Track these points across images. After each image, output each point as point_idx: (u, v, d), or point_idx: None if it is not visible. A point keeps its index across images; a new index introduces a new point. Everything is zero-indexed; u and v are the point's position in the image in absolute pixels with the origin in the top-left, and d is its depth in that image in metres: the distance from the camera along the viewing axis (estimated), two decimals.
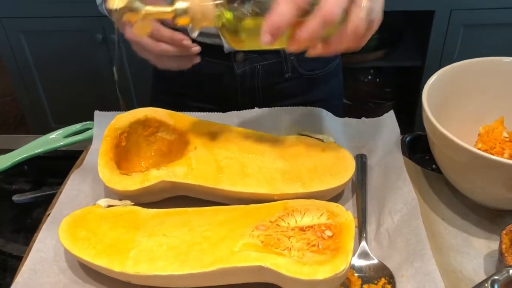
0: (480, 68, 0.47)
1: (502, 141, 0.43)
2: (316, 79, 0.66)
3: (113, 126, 0.46)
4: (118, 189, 0.42)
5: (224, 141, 0.45)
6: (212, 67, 0.61)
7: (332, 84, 0.70)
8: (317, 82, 0.67)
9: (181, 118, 0.47)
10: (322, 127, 0.50)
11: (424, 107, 0.42)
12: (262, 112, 0.53)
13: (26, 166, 0.53)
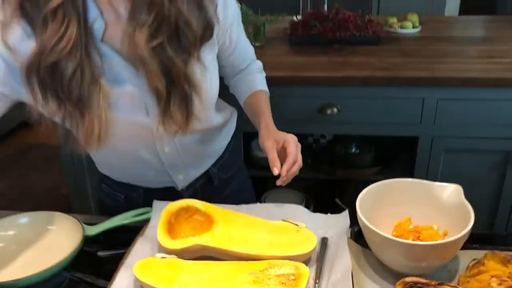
0: (396, 185, 0.77)
1: (408, 231, 0.71)
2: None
3: (167, 210, 0.77)
4: (168, 248, 0.72)
5: (235, 222, 0.75)
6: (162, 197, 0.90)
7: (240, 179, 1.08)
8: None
9: (209, 207, 0.78)
10: (298, 217, 0.80)
11: (357, 209, 0.71)
12: (262, 205, 0.84)
13: (102, 237, 0.82)
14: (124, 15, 0.72)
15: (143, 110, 0.80)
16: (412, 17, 2.11)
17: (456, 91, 1.54)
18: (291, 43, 1.88)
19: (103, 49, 0.74)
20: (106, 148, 0.79)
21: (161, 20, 0.70)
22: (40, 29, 0.67)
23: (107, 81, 0.75)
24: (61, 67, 0.69)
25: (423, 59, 1.69)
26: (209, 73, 0.83)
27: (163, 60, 0.72)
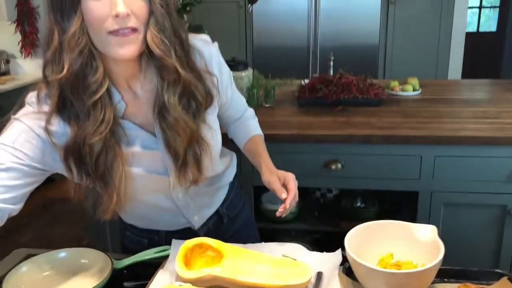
0: (380, 226, 0.89)
1: (390, 265, 0.83)
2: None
3: (184, 246, 0.90)
4: (185, 277, 0.84)
5: (242, 256, 0.88)
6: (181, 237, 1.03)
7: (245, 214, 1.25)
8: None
9: (220, 244, 0.91)
10: (297, 254, 0.92)
11: (345, 245, 0.83)
12: (265, 244, 0.96)
13: (125, 271, 0.95)
14: (140, 94, 0.90)
15: (162, 168, 0.95)
16: (413, 81, 2.29)
17: (451, 148, 1.67)
18: (299, 105, 2.06)
19: (125, 124, 0.90)
20: (129, 202, 0.95)
21: (183, 90, 0.88)
22: (85, 116, 0.83)
23: (130, 149, 0.91)
24: (92, 148, 0.84)
25: (421, 119, 1.84)
26: (213, 131, 0.99)
27: (185, 125, 0.88)
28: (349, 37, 3.63)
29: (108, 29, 0.78)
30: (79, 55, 0.80)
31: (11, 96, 3.23)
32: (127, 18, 0.78)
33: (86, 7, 0.78)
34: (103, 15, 0.78)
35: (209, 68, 0.95)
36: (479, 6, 5.88)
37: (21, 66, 3.65)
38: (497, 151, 1.65)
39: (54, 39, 0.81)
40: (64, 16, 0.80)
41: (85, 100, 0.82)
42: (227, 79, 1.04)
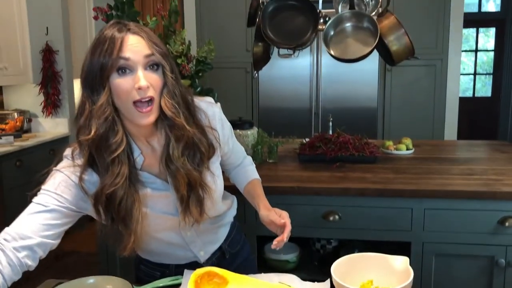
0: (361, 257, 1.03)
1: None
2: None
3: (195, 273, 1.04)
4: None
5: (245, 282, 1.01)
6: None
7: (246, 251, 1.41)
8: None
9: (225, 272, 1.04)
10: (291, 282, 1.05)
11: (332, 272, 0.96)
12: (264, 274, 1.10)
13: None
14: (157, 148, 1.08)
15: (173, 210, 1.13)
16: (406, 141, 2.47)
17: (439, 202, 1.81)
18: (299, 161, 2.23)
19: (143, 175, 1.09)
20: (145, 239, 1.14)
21: (186, 144, 1.06)
22: (104, 170, 1.01)
23: (146, 195, 1.09)
24: (114, 195, 1.02)
25: (411, 175, 1.99)
26: (216, 177, 1.17)
27: (186, 173, 1.06)
28: (350, 100, 3.86)
29: (133, 99, 0.98)
30: (104, 121, 0.98)
31: (32, 151, 3.44)
32: (147, 89, 0.97)
33: (114, 83, 0.97)
34: (129, 88, 0.97)
35: (212, 124, 1.15)
36: (474, 73, 6.18)
37: (42, 125, 3.89)
38: (483, 204, 1.79)
39: (86, 109, 1.00)
40: (94, 91, 0.99)
41: (105, 157, 1.00)
42: (228, 132, 1.24)
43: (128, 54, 0.97)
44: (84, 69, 1.00)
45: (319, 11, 2.02)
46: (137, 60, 0.97)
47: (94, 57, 0.98)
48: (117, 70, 0.97)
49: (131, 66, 0.97)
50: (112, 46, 0.96)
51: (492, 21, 5.98)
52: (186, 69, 2.06)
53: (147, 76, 0.98)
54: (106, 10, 2.09)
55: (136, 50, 0.97)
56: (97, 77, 0.97)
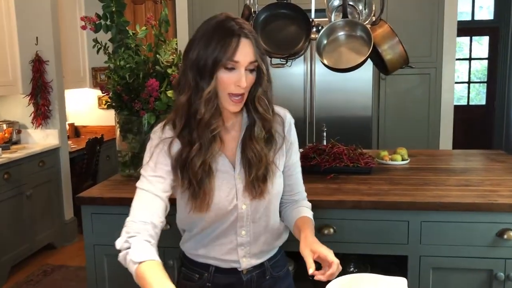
0: (357, 278, 0.98)
1: None
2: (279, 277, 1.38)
3: None
4: None
5: None
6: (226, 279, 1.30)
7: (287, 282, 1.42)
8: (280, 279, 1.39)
9: None
10: None
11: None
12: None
13: None
14: (231, 132, 1.25)
15: (234, 194, 1.24)
16: (401, 151, 2.43)
17: (436, 214, 1.77)
18: None
19: (218, 153, 1.23)
20: (205, 223, 1.25)
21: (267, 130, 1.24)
22: (206, 144, 1.18)
23: (218, 172, 1.23)
24: (194, 163, 1.18)
25: (407, 186, 1.95)
26: (278, 172, 1.29)
27: (259, 152, 1.23)
28: (344, 109, 3.82)
29: (230, 92, 1.15)
30: (212, 107, 1.16)
31: (21, 163, 3.38)
32: (244, 88, 1.15)
33: (221, 76, 1.14)
34: (230, 82, 1.14)
35: (285, 129, 1.30)
36: (468, 81, 6.18)
37: (31, 136, 3.83)
38: (480, 217, 1.75)
39: (190, 89, 1.16)
40: (202, 78, 1.14)
41: (208, 134, 1.18)
42: (293, 139, 1.35)
43: (239, 58, 1.12)
44: (195, 53, 1.15)
45: (311, 20, 1.99)
46: (243, 64, 1.14)
47: (209, 49, 1.12)
48: (225, 67, 1.13)
49: (237, 67, 1.14)
50: (228, 47, 1.11)
51: (485, 29, 6.00)
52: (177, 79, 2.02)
53: (246, 77, 1.14)
54: (94, 19, 2.05)
55: (245, 56, 1.13)
56: (209, 68, 1.13)
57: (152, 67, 2.07)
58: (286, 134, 1.31)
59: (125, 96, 2.05)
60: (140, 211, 1.16)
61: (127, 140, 2.15)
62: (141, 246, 1.08)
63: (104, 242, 1.93)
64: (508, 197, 1.77)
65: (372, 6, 2.10)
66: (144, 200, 1.18)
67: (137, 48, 2.08)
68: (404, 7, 3.85)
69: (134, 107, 2.03)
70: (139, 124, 2.10)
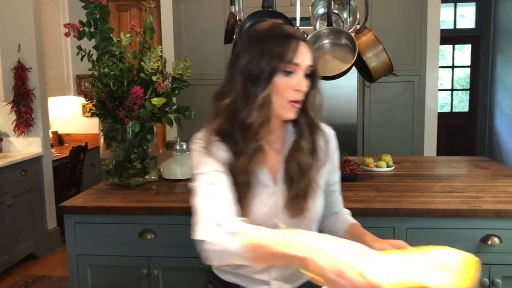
0: None
1: None
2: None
3: None
4: None
5: None
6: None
7: None
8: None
9: None
10: None
11: None
12: None
13: None
14: (276, 146, 1.19)
15: (274, 211, 1.16)
16: (386, 158, 2.45)
17: (421, 221, 1.78)
18: None
19: (260, 166, 1.15)
20: None
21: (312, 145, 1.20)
22: (244, 152, 1.11)
23: (260, 186, 1.15)
24: (236, 174, 1.11)
25: (393, 193, 1.96)
26: (319, 190, 1.22)
27: (303, 164, 1.17)
28: (329, 117, 3.77)
29: (289, 98, 1.10)
30: (263, 114, 1.10)
31: (3, 172, 3.32)
32: (302, 93, 1.11)
33: (278, 81, 1.09)
34: (288, 88, 1.10)
35: (329, 147, 1.26)
36: (451, 89, 6.27)
37: (13, 144, 3.77)
38: (464, 223, 1.76)
39: (239, 96, 1.11)
40: (257, 84, 1.09)
41: (252, 144, 1.11)
42: (336, 160, 1.31)
43: (299, 60, 1.09)
44: (245, 59, 1.10)
45: (296, 28, 1.99)
46: (303, 67, 1.10)
47: (264, 54, 1.08)
48: (283, 71, 1.09)
49: (296, 70, 1.09)
50: (287, 49, 1.07)
51: (467, 37, 6.09)
52: (162, 86, 2.01)
53: (304, 81, 1.11)
54: (78, 26, 2.03)
55: (304, 59, 1.10)
56: (265, 73, 1.08)
57: (137, 74, 2.06)
58: (331, 154, 1.26)
59: (109, 103, 2.03)
60: (217, 210, 1.03)
61: (111, 148, 2.13)
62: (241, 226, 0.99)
63: (88, 252, 1.90)
64: (491, 203, 1.78)
65: (356, 14, 2.12)
66: (215, 195, 1.06)
67: (122, 55, 2.07)
68: (388, 16, 3.90)
69: (118, 115, 2.01)
70: (124, 132, 2.08)
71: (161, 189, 2.11)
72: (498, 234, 1.73)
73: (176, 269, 1.88)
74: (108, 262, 1.90)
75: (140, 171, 2.14)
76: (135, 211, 1.85)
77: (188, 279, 1.88)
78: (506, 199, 1.85)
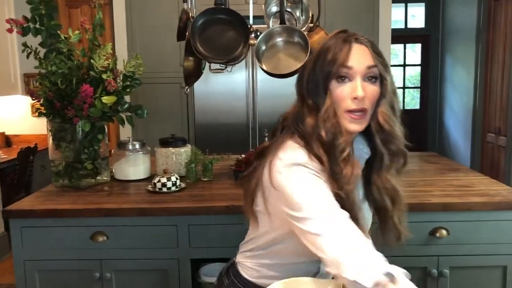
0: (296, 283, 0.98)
1: None
2: None
3: None
4: None
5: None
6: None
7: None
8: None
9: None
10: None
11: None
12: None
13: None
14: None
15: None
16: None
17: None
18: (235, 178, 2.18)
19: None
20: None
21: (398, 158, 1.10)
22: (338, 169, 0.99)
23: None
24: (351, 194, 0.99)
25: None
26: None
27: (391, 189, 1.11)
28: None
29: (347, 108, 1.00)
30: (331, 125, 1.00)
31: None
32: (363, 100, 0.98)
33: (334, 90, 1.00)
34: (345, 96, 0.99)
35: None
36: (403, 87, 6.46)
37: None
38: (413, 216, 1.77)
39: (305, 115, 1.04)
40: (317, 96, 1.02)
41: (337, 157, 0.99)
42: None
43: (352, 63, 0.99)
44: (306, 74, 1.06)
45: (250, 26, 1.99)
46: (359, 70, 0.99)
47: (317, 67, 1.02)
48: (337, 77, 1.00)
49: (351, 75, 1.00)
50: (337, 55, 0.99)
51: (418, 37, 6.30)
52: (112, 84, 1.96)
53: (364, 87, 0.99)
54: (21, 22, 1.95)
55: (360, 60, 1.00)
56: (321, 85, 1.01)
57: (86, 72, 2.00)
58: None
59: (57, 102, 1.96)
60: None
61: (60, 148, 2.06)
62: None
63: (36, 257, 1.84)
64: (440, 197, 1.85)
65: (309, 13, 2.14)
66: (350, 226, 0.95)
67: (70, 52, 2.00)
68: (340, 15, 3.97)
69: (67, 114, 1.95)
70: (73, 132, 2.02)
71: (113, 190, 2.06)
72: (445, 226, 1.80)
73: (129, 272, 1.84)
74: (59, 267, 1.85)
75: (91, 172, 2.08)
76: (86, 213, 1.80)
77: (141, 281, 1.85)
78: (453, 192, 1.92)
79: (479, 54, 4.76)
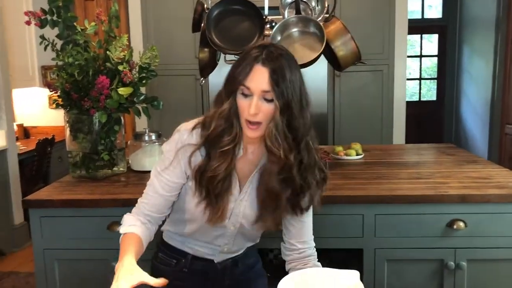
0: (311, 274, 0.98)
1: None
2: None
3: None
4: None
5: None
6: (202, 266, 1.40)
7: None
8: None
9: None
10: None
11: None
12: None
13: None
14: (249, 155, 1.25)
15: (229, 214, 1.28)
16: (356, 146, 2.47)
17: (389, 207, 1.81)
18: None
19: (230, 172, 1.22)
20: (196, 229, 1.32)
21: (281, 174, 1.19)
22: (214, 156, 1.18)
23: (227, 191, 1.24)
24: (215, 176, 1.19)
25: (361, 180, 1.99)
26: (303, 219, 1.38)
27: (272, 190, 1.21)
28: None
29: (245, 118, 1.14)
30: (222, 123, 1.16)
31: None
32: (255, 116, 1.12)
33: (238, 100, 1.14)
34: (244, 108, 1.13)
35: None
36: (419, 78, 6.38)
37: None
38: (430, 208, 1.80)
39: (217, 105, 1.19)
40: (226, 96, 1.16)
41: (216, 149, 1.18)
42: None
43: (250, 84, 1.11)
44: (228, 74, 1.18)
45: (265, 17, 1.98)
46: (256, 91, 1.11)
47: (236, 70, 1.14)
48: (241, 92, 1.13)
49: (250, 92, 1.12)
50: (240, 73, 1.12)
51: (435, 27, 6.20)
52: (128, 76, 1.97)
53: (259, 105, 1.11)
54: (39, 14, 1.97)
55: (257, 84, 1.10)
56: (230, 88, 1.15)
57: (103, 64, 2.01)
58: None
59: (74, 94, 1.98)
60: (148, 205, 1.28)
61: (77, 140, 2.08)
62: (130, 220, 1.25)
63: (55, 246, 1.86)
64: (457, 188, 1.83)
65: (324, 3, 2.12)
66: (152, 197, 1.27)
67: (86, 44, 2.01)
68: (357, 5, 3.92)
69: (83, 106, 1.96)
70: (90, 123, 2.04)
71: (129, 181, 2.08)
72: (463, 218, 1.78)
73: (142, 261, 1.85)
74: (77, 256, 1.87)
75: (108, 162, 2.10)
76: (103, 204, 1.82)
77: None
78: (471, 184, 1.89)
79: (498, 44, 4.67)
